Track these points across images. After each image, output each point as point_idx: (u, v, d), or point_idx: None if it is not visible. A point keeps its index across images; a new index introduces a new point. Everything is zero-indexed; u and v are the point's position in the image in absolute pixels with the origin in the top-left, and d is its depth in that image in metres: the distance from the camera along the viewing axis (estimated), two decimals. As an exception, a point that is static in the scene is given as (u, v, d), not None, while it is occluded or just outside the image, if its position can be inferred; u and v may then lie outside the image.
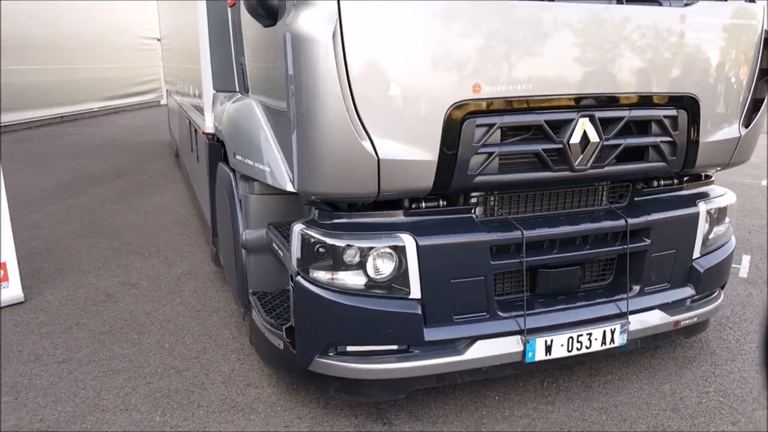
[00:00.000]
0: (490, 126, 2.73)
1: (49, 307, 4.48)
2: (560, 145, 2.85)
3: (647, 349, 3.74)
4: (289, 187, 2.79)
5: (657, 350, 3.78)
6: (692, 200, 3.40)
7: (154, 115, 16.99)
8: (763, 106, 3.35)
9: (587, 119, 2.88)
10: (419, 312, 2.81)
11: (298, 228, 2.84)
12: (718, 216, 3.53)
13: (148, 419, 3.10)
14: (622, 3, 2.88)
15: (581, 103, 2.86)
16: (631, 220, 3.15)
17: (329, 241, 2.76)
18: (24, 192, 8.17)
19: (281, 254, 3.15)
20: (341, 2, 2.42)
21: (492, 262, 2.90)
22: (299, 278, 2.84)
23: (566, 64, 2.80)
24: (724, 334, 4.02)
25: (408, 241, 2.75)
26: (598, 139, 2.91)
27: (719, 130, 3.25)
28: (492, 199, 3.09)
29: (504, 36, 2.66)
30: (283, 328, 3.01)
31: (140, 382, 3.44)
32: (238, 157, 3.42)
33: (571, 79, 2.82)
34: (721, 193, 3.60)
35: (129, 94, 19.16)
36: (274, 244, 3.29)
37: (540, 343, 2.97)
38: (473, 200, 3.04)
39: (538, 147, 2.84)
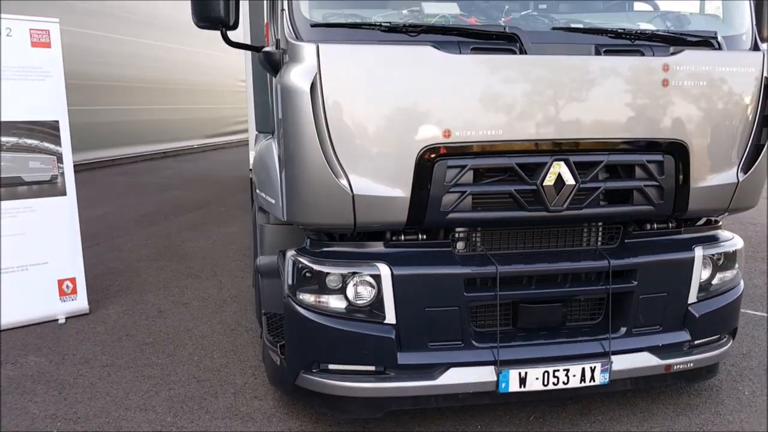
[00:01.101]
0: (462, 167, 2.95)
1: (107, 319, 5.08)
2: (533, 187, 3.02)
3: (648, 392, 3.71)
4: (282, 217, 3.15)
5: (659, 395, 3.74)
6: (688, 245, 3.41)
7: (247, 152, 18.23)
8: (763, 152, 3.33)
9: (562, 162, 3.03)
10: (393, 336, 3.03)
11: (290, 254, 3.18)
12: (723, 262, 3.50)
13: (161, 419, 3.50)
14: (600, 54, 3.04)
15: (555, 148, 3.02)
16: (614, 261, 3.22)
17: (315, 267, 3.07)
18: (116, 219, 9.15)
19: (282, 277, 3.49)
20: (321, 58, 2.78)
21: (466, 294, 3.09)
22: (289, 299, 3.16)
23: (539, 112, 2.98)
24: (740, 384, 3.89)
25: (384, 270, 3.01)
26: (573, 182, 3.05)
27: (713, 175, 3.27)
28: (475, 234, 3.28)
29: (474, 85, 2.91)
30: (278, 345, 3.33)
31: (164, 388, 3.87)
32: (257, 191, 3.84)
33: (544, 124, 2.99)
34: (727, 238, 3.58)
35: (226, 132, 20.74)
36: (280, 269, 3.65)
37: (513, 374, 3.09)
38: (458, 235, 3.25)
39: (511, 188, 3.02)
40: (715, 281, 3.50)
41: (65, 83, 4.90)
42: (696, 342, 3.45)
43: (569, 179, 3.05)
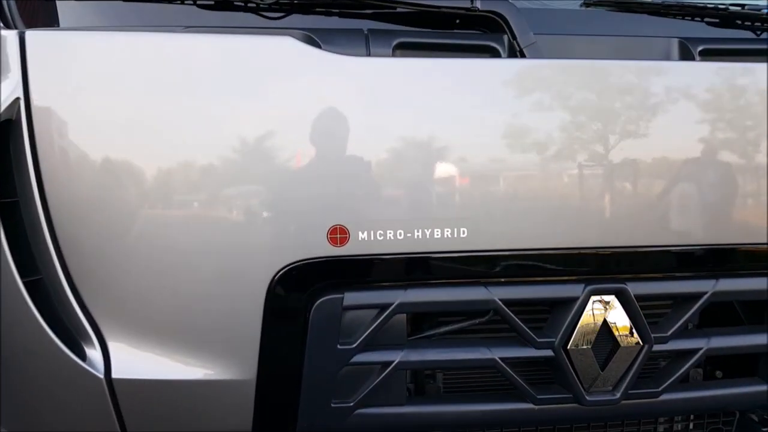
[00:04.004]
0: (381, 309, 1.28)
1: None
2: (547, 353, 1.32)
3: None
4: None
5: None
6: None
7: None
8: None
9: (612, 297, 1.34)
10: None
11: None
12: None
13: None
14: (693, 58, 1.38)
15: (589, 268, 1.34)
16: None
17: None
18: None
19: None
20: (28, 60, 1.18)
21: None
22: None
23: (552, 186, 1.32)
24: None
25: None
26: (639, 341, 1.34)
27: None
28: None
29: (401, 128, 1.27)
30: None
31: None
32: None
33: (563, 214, 1.32)
34: None
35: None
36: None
37: None
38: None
39: (493, 354, 1.33)
40: None
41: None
42: None
43: (628, 335, 1.34)
